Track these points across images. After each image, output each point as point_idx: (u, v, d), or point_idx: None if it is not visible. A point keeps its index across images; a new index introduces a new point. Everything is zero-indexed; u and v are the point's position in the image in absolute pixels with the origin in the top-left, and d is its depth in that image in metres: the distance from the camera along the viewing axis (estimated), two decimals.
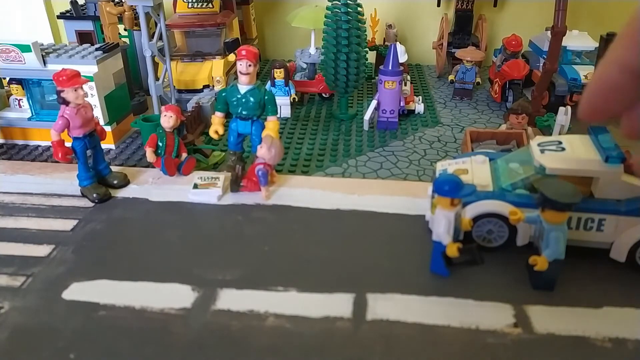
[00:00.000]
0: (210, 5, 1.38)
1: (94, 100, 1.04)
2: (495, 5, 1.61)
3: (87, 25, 1.42)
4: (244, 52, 0.88)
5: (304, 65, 1.45)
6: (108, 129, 1.07)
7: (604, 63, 0.38)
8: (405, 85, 1.28)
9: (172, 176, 0.94)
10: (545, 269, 0.64)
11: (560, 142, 0.73)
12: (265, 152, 0.87)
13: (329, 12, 1.14)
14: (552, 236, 0.63)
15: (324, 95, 1.39)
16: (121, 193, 0.91)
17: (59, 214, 0.86)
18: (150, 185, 0.94)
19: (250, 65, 0.89)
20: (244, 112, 0.92)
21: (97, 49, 1.10)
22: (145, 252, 0.76)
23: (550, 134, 1.02)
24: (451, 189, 0.65)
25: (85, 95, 0.85)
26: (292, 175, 0.99)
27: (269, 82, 1.26)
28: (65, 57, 1.05)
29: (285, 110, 1.26)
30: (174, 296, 0.67)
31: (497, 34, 1.63)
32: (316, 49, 1.41)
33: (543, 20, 1.48)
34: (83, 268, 0.73)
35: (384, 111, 1.18)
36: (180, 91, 1.26)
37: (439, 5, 1.64)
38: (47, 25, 1.72)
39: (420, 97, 1.32)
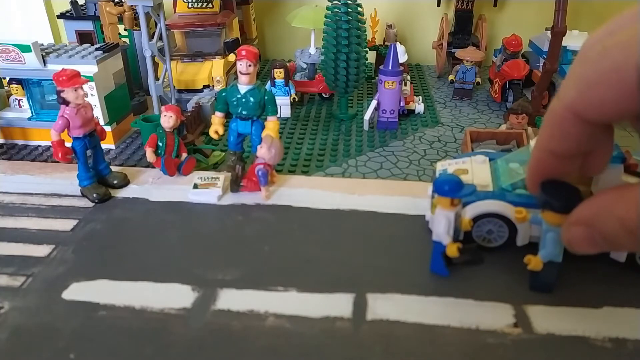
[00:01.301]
0: (210, 5, 1.38)
1: (94, 100, 1.05)
2: (495, 5, 1.62)
3: (87, 25, 1.42)
4: (244, 52, 0.88)
5: (304, 65, 1.45)
6: (108, 129, 1.07)
7: (536, 150, 0.48)
8: (405, 85, 1.28)
9: (172, 176, 0.94)
10: (540, 269, 0.64)
11: None
12: (265, 152, 0.87)
13: (329, 12, 1.14)
14: (549, 237, 0.63)
15: (324, 95, 1.39)
16: (121, 193, 0.91)
17: (59, 214, 0.86)
18: (150, 185, 0.94)
19: (250, 65, 0.89)
20: (244, 112, 0.92)
21: (97, 49, 1.10)
22: (145, 252, 0.76)
23: None
24: (451, 189, 0.65)
25: (85, 95, 0.85)
26: (292, 175, 0.99)
27: (269, 82, 1.26)
28: (65, 57, 1.05)
29: (285, 110, 1.26)
30: (174, 296, 0.67)
31: (497, 34, 1.63)
32: (316, 49, 1.41)
33: (543, 20, 1.48)
34: (83, 268, 0.73)
35: (384, 111, 1.18)
36: (180, 91, 1.26)
37: (439, 5, 1.64)
38: (47, 25, 1.72)
39: (420, 97, 1.32)
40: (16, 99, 1.14)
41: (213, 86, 1.29)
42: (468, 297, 0.66)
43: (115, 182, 0.93)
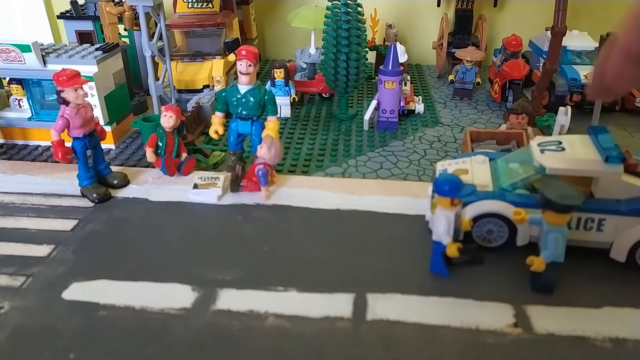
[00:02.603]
0: (210, 5, 1.38)
1: (94, 100, 1.04)
2: (495, 5, 1.61)
3: (87, 25, 1.42)
4: (244, 52, 0.88)
5: (304, 65, 1.44)
6: (108, 129, 1.07)
7: (607, 51, 0.42)
8: (405, 85, 1.28)
9: (172, 176, 0.94)
10: (542, 270, 0.64)
11: (560, 142, 0.73)
12: (265, 152, 0.87)
13: (329, 12, 1.14)
14: (550, 237, 0.63)
15: (324, 95, 1.39)
16: (121, 193, 0.91)
17: (59, 214, 0.86)
18: (150, 185, 0.94)
19: (250, 65, 0.89)
20: (244, 112, 0.92)
21: (97, 49, 1.10)
22: (145, 252, 0.76)
23: (550, 134, 1.02)
24: (451, 189, 0.65)
25: (85, 95, 0.85)
26: (292, 175, 0.99)
27: (269, 82, 1.26)
28: (65, 57, 1.05)
29: (285, 110, 1.26)
30: (174, 296, 0.67)
31: (497, 34, 1.63)
32: (316, 49, 1.41)
33: (543, 20, 1.48)
34: (83, 268, 0.73)
35: (384, 111, 1.18)
36: (180, 91, 1.26)
37: (439, 5, 1.64)
38: (47, 25, 1.72)
39: (420, 97, 1.32)
40: (16, 99, 1.14)
41: (213, 86, 1.29)
42: (468, 297, 0.66)
43: (115, 182, 0.93)
